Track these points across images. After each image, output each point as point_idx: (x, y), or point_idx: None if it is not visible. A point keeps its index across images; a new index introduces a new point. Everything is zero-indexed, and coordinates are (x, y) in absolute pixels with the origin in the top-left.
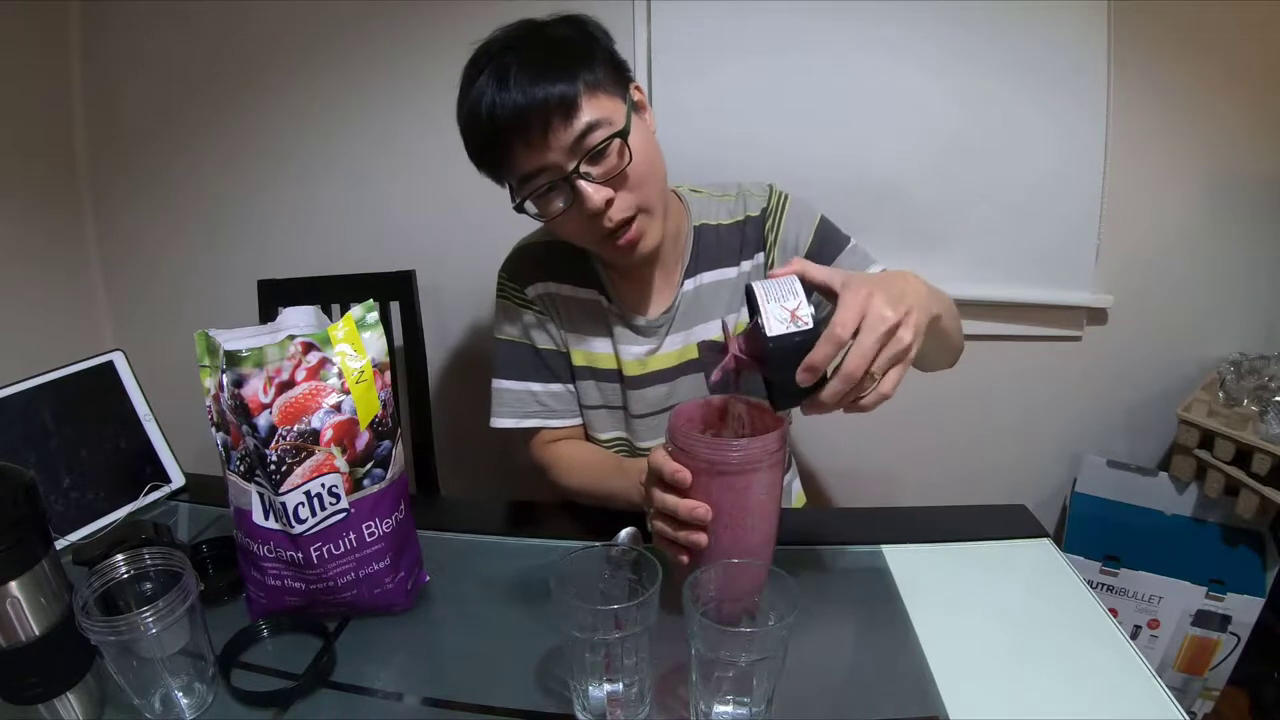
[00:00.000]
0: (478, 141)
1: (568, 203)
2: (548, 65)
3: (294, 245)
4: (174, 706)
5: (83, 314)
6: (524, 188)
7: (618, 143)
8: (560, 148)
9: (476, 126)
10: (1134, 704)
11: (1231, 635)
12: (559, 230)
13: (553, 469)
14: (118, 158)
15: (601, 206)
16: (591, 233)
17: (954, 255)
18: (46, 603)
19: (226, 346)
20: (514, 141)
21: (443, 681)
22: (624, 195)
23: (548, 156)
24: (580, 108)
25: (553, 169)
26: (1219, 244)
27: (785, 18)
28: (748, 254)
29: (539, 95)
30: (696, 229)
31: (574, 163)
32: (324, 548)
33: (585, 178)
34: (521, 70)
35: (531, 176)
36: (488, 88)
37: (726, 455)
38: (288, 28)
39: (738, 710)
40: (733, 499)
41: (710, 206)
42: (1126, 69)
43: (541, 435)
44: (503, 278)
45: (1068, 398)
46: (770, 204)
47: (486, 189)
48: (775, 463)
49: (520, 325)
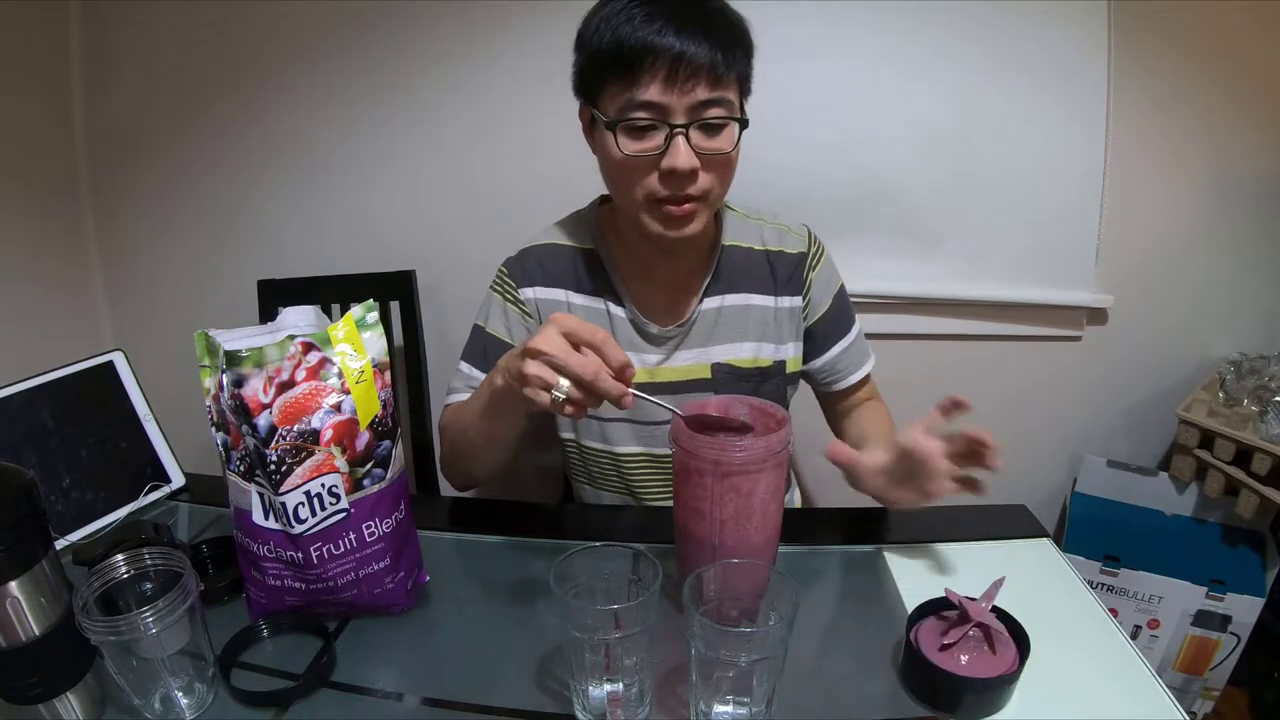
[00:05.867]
0: (617, 52)
1: (657, 149)
2: (720, 30)
3: (294, 245)
4: (174, 706)
5: (83, 314)
6: (626, 112)
7: (731, 128)
8: (689, 101)
9: (627, 39)
10: (1134, 704)
11: (1231, 635)
12: (620, 171)
13: (444, 429)
14: (118, 158)
15: (686, 169)
16: (656, 187)
17: (954, 255)
18: (46, 603)
19: (226, 346)
20: (658, 70)
21: (443, 681)
22: (705, 175)
23: (673, 100)
24: (726, 83)
25: (666, 112)
26: (1219, 244)
27: (785, 21)
28: (785, 291)
29: (703, 49)
30: (725, 248)
31: (688, 120)
32: (324, 548)
33: (687, 139)
34: (695, 20)
35: (641, 107)
36: (660, 14)
37: (731, 455)
38: (288, 28)
39: (738, 710)
40: (737, 499)
41: (744, 228)
42: (1126, 69)
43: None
44: (503, 272)
45: (1068, 398)
46: (810, 250)
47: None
48: (779, 463)
49: (507, 324)
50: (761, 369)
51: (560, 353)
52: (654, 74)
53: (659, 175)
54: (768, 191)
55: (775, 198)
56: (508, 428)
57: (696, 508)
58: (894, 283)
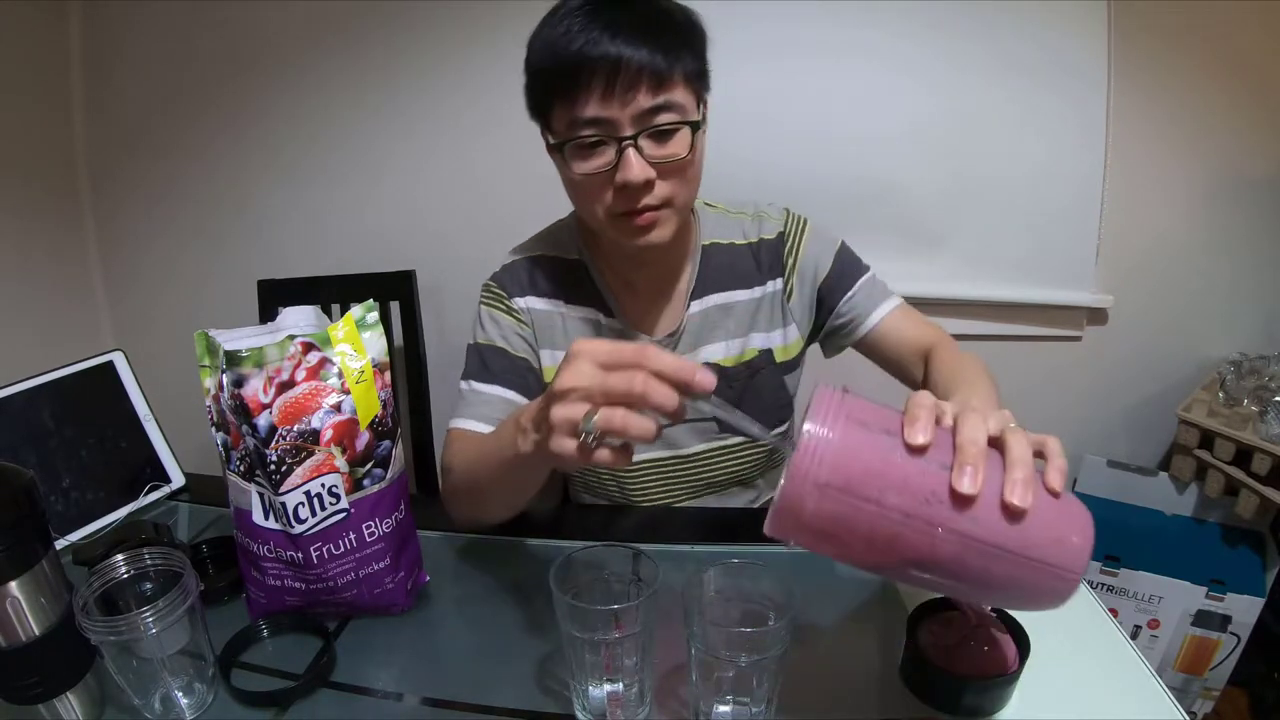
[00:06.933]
0: (557, 67)
1: (608, 165)
2: (659, 32)
3: (294, 245)
4: (174, 706)
5: (83, 314)
6: (571, 131)
7: (683, 132)
8: (633, 110)
9: (562, 54)
10: (1134, 704)
11: (1231, 635)
12: (578, 189)
13: (449, 468)
14: (118, 158)
15: (640, 182)
16: (612, 204)
17: (954, 255)
18: (46, 603)
19: (226, 346)
20: (594, 83)
21: (443, 681)
22: (662, 184)
23: (617, 112)
24: (671, 85)
25: (612, 125)
26: (1219, 244)
27: (784, 22)
28: (763, 279)
29: (640, 54)
30: (705, 248)
31: (636, 130)
32: (324, 548)
33: (638, 150)
34: (632, 25)
35: (586, 124)
36: (591, 24)
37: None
38: (289, 28)
39: (738, 710)
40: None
41: (724, 224)
42: (1126, 69)
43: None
44: (491, 286)
45: (1068, 398)
46: (787, 228)
47: (486, 189)
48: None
49: (501, 331)
50: (746, 363)
51: (594, 383)
52: (592, 87)
53: (615, 190)
54: (768, 190)
55: (775, 197)
56: (530, 485)
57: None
58: (894, 283)
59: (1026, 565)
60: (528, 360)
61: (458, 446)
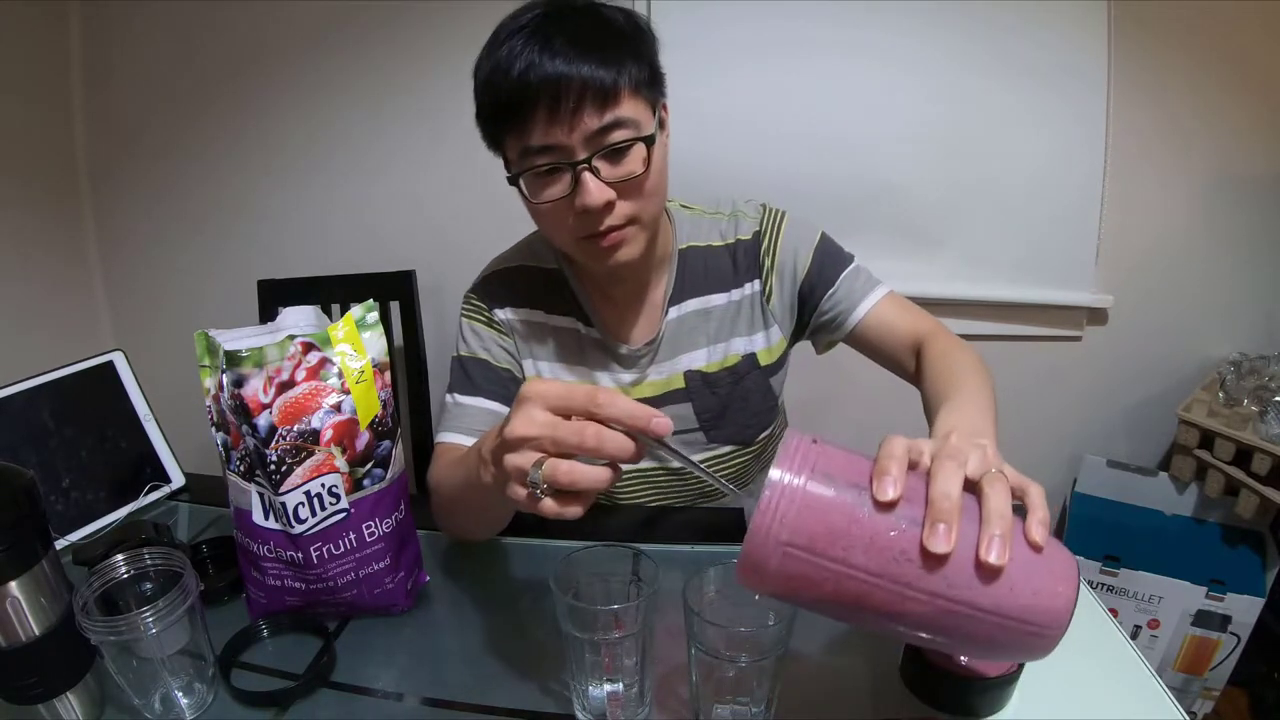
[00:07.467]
0: (498, 98)
1: (565, 191)
2: (599, 45)
3: (294, 245)
4: (174, 706)
5: (83, 314)
6: (525, 161)
7: (638, 149)
8: (582, 133)
9: (503, 82)
10: (1134, 704)
11: (1231, 635)
12: (540, 218)
13: (435, 487)
14: (118, 158)
15: (600, 205)
16: (576, 228)
17: (954, 255)
18: (46, 603)
19: (226, 346)
20: (538, 110)
21: (443, 681)
22: (623, 203)
23: (566, 137)
24: (618, 100)
25: (564, 151)
26: (1219, 244)
27: (784, 22)
28: (740, 281)
29: (582, 72)
30: (682, 252)
31: (588, 153)
32: (324, 548)
33: (594, 172)
34: (570, 42)
35: (538, 152)
36: (528, 47)
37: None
38: (288, 29)
39: (738, 710)
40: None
41: (701, 226)
42: (1126, 69)
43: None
44: (470, 298)
45: (1068, 398)
46: (764, 225)
47: (486, 190)
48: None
49: (483, 343)
50: (729, 368)
51: (544, 432)
52: (537, 114)
53: (576, 215)
54: (767, 192)
55: (775, 198)
56: (506, 511)
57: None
58: (894, 283)
59: (1001, 626)
60: (511, 371)
61: (442, 462)
